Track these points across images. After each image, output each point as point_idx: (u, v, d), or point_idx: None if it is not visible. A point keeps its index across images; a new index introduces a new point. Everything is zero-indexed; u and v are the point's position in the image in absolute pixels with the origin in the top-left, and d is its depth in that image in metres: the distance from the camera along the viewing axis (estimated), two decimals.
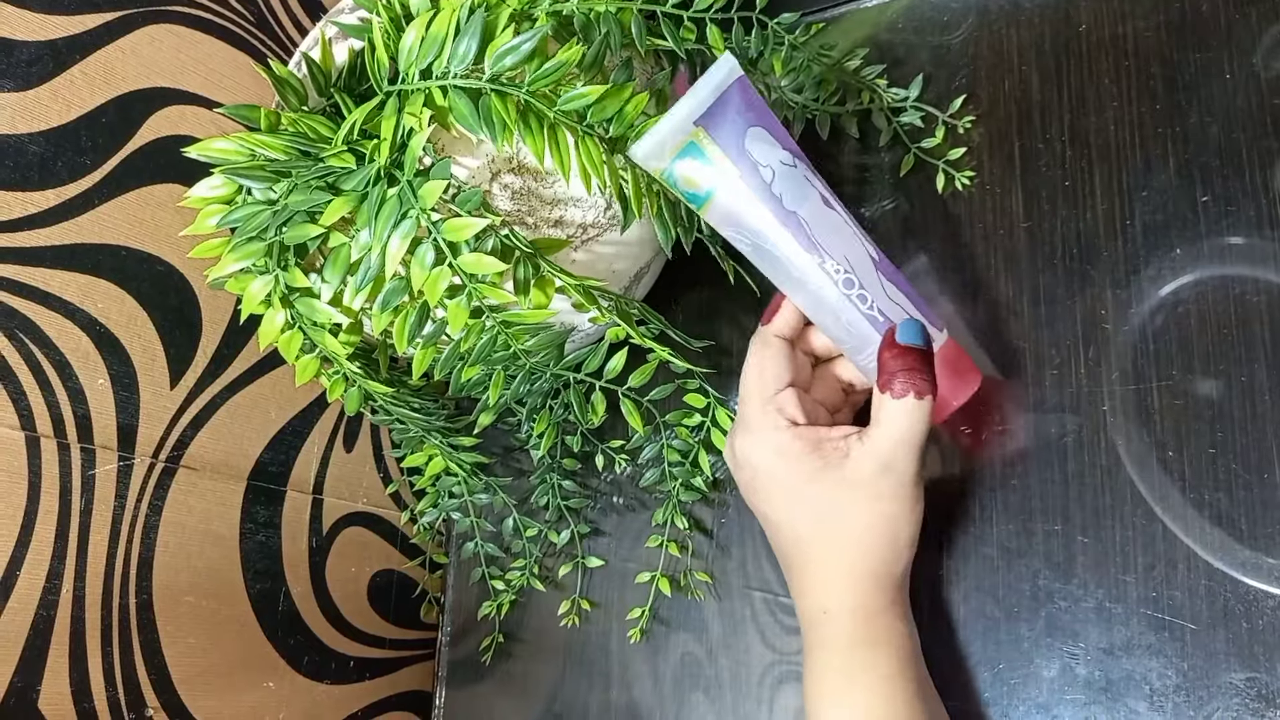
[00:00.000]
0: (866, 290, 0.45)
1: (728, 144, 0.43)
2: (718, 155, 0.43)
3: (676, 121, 0.43)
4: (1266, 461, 0.46)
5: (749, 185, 0.44)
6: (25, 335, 0.49)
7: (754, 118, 0.44)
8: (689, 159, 0.43)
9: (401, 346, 0.47)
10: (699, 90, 0.43)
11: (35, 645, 0.48)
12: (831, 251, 0.45)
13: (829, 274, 0.45)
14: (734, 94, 0.44)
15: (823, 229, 0.45)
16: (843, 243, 0.45)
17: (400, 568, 0.70)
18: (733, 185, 0.44)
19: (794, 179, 0.44)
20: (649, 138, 0.43)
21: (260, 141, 0.44)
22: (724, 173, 0.44)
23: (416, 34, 0.42)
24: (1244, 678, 0.45)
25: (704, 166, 0.44)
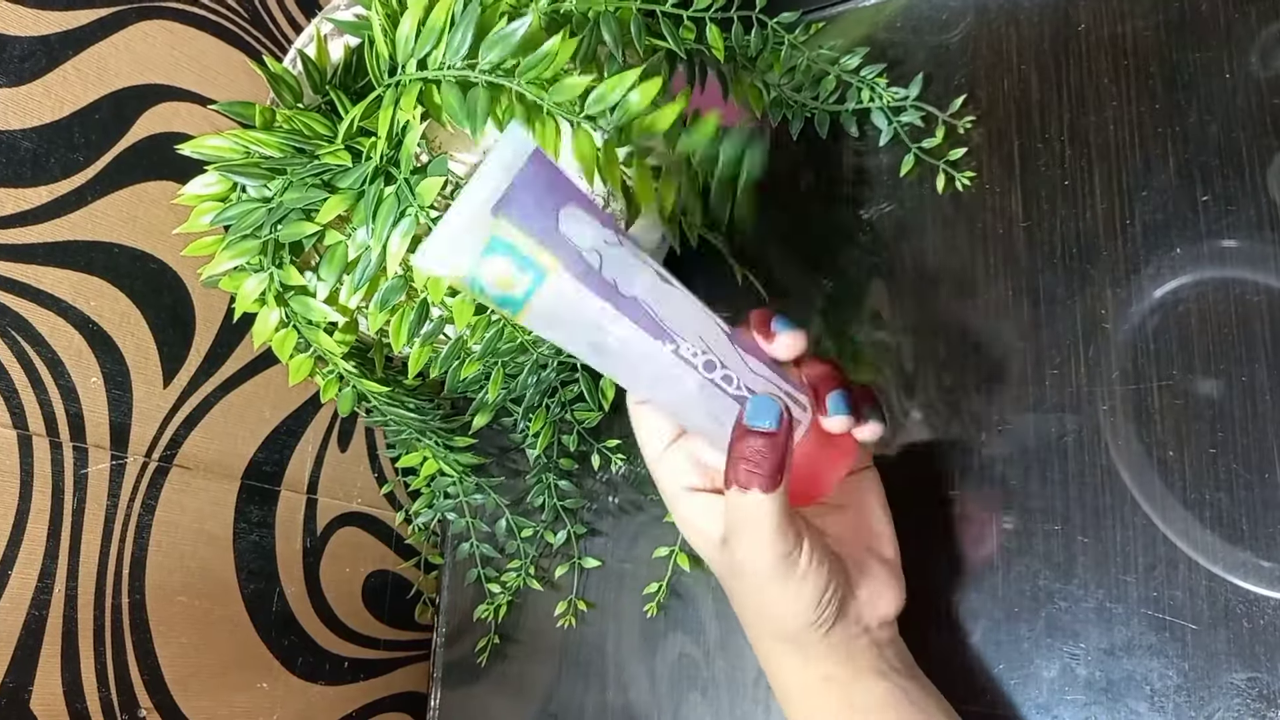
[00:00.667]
0: (730, 369, 0.39)
1: (540, 232, 0.35)
2: (531, 247, 0.35)
3: (469, 212, 0.35)
4: (1267, 461, 0.46)
5: (576, 276, 0.36)
6: (17, 332, 0.49)
7: (562, 196, 0.36)
8: (495, 257, 0.35)
9: (399, 345, 0.46)
10: (488, 173, 0.35)
11: (27, 645, 0.47)
12: (684, 333, 0.38)
13: (686, 359, 0.38)
14: (533, 171, 0.35)
15: (668, 310, 0.38)
16: (692, 320, 0.38)
17: (395, 568, 0.70)
18: (557, 280, 0.36)
19: (623, 259, 0.37)
20: (436, 238, 0.35)
21: (255, 139, 0.44)
22: (543, 267, 0.36)
23: (412, 22, 0.42)
24: (1245, 678, 0.45)
25: (516, 263, 0.36)
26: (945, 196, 0.57)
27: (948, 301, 0.55)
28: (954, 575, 0.52)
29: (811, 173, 0.62)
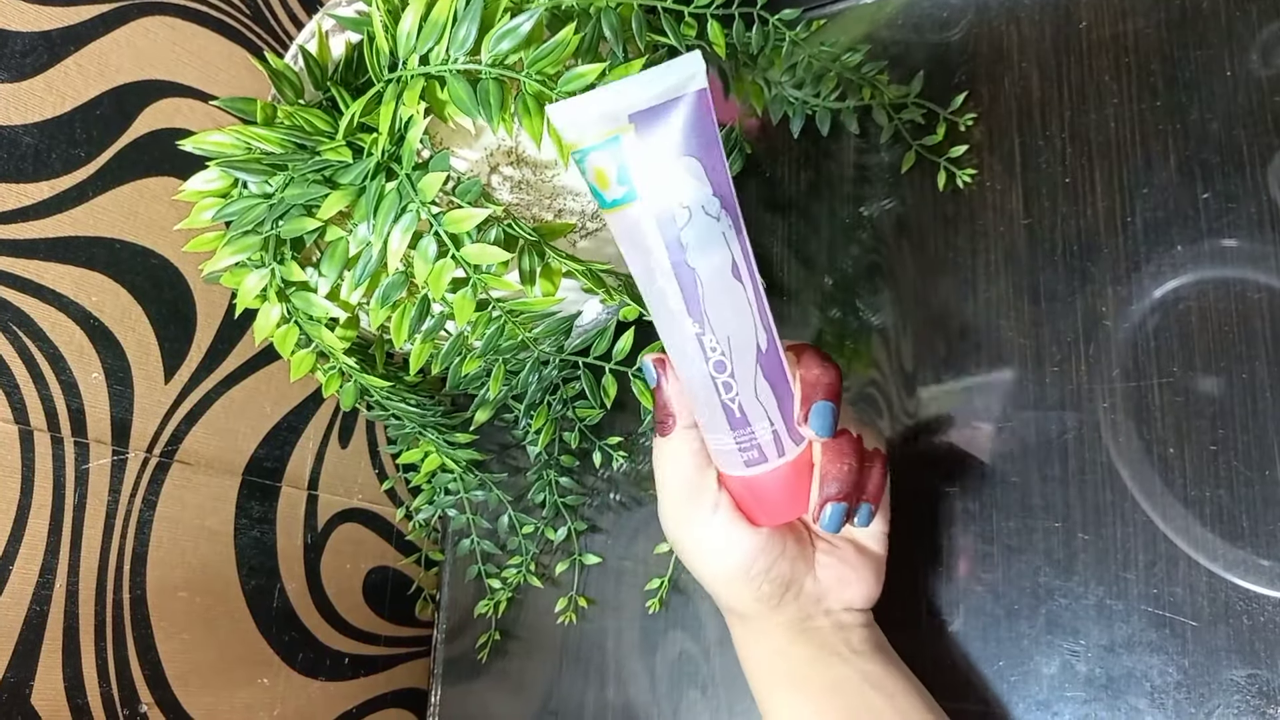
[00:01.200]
0: (735, 380, 0.39)
1: (652, 162, 0.35)
2: (636, 168, 0.35)
3: (608, 105, 0.35)
4: (1268, 459, 0.46)
5: (656, 218, 0.36)
6: (19, 328, 0.49)
7: (696, 144, 0.35)
8: (606, 152, 0.35)
9: (400, 341, 0.46)
10: (650, 81, 0.35)
11: (28, 640, 0.47)
12: (716, 326, 0.38)
13: (703, 347, 0.38)
14: (686, 106, 0.35)
15: (717, 299, 0.38)
16: (733, 321, 0.38)
17: (395, 564, 0.70)
18: (639, 209, 0.36)
19: (710, 232, 0.37)
20: (574, 106, 0.35)
21: (256, 135, 0.44)
22: (636, 192, 0.36)
23: (414, 18, 0.42)
24: (1245, 674, 0.45)
25: (617, 173, 0.36)
26: (946, 194, 0.57)
27: (948, 299, 0.55)
28: (953, 573, 0.52)
29: (813, 170, 0.62)
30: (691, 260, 0.37)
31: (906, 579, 0.52)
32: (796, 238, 0.61)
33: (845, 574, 0.45)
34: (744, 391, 0.39)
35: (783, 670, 0.44)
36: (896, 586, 0.47)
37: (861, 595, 0.45)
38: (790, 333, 0.60)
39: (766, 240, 0.62)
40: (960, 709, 0.49)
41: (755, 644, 0.45)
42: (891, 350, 0.56)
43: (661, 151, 0.35)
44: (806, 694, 0.44)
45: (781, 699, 0.45)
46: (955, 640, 0.51)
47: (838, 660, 0.44)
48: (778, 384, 0.40)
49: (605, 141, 0.35)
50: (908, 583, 0.52)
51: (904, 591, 0.52)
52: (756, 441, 0.40)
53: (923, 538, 0.53)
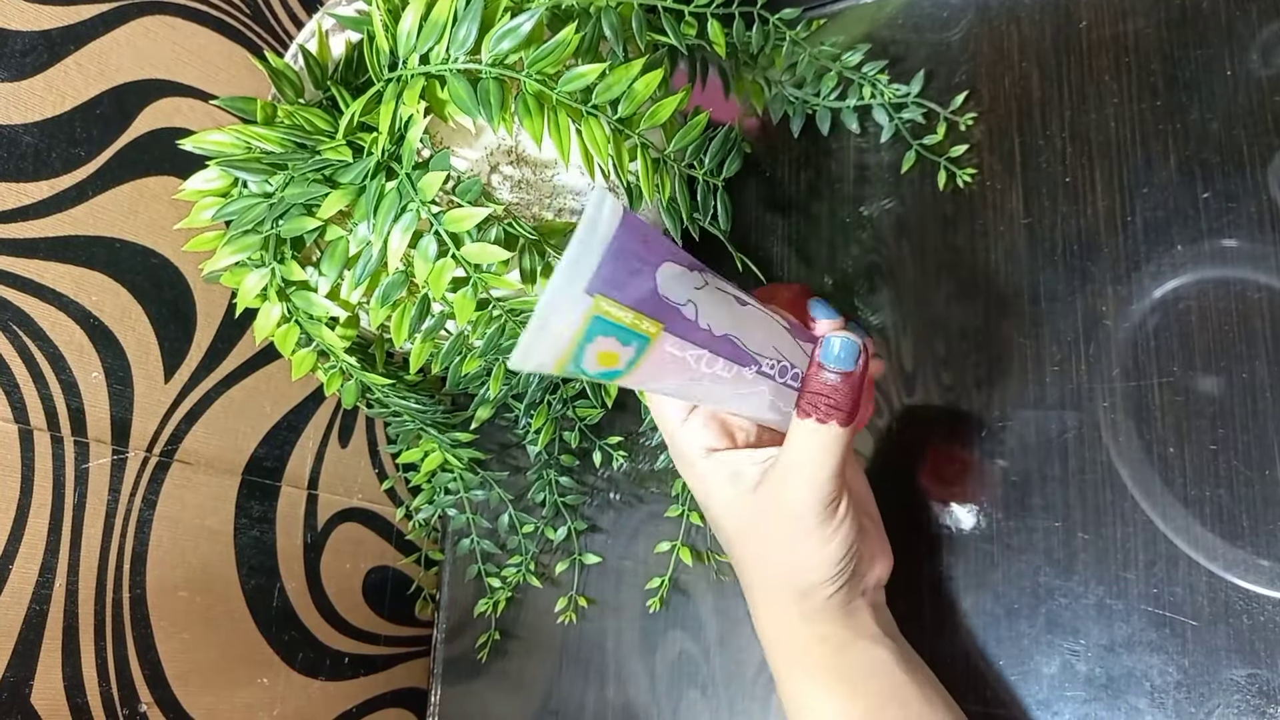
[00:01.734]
0: (797, 365, 0.40)
1: (641, 299, 0.33)
2: (632, 320, 0.33)
3: (564, 301, 0.32)
4: (1268, 458, 0.46)
5: (678, 334, 0.35)
6: (19, 327, 0.49)
7: (656, 255, 0.34)
8: (598, 340, 0.33)
9: (400, 340, 0.46)
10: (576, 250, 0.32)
11: (28, 639, 0.47)
12: (764, 351, 0.39)
13: (766, 374, 0.39)
14: (625, 237, 0.33)
15: (749, 333, 0.38)
16: (767, 334, 0.39)
17: (395, 564, 0.70)
18: (660, 344, 0.35)
19: (711, 299, 0.36)
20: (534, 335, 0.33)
21: (256, 134, 0.44)
22: (646, 335, 0.34)
23: (414, 17, 0.42)
24: (1245, 674, 0.45)
25: (619, 339, 0.34)
26: (946, 193, 0.57)
27: (948, 298, 0.55)
28: (954, 571, 0.52)
29: (813, 169, 0.62)
30: (718, 330, 0.37)
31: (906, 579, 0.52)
32: (796, 237, 0.61)
33: (873, 549, 0.46)
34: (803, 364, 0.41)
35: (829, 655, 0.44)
36: (897, 586, 0.47)
37: (885, 570, 0.47)
38: None
39: (767, 240, 0.62)
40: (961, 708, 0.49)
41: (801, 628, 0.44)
42: (891, 350, 0.56)
43: (641, 283, 0.33)
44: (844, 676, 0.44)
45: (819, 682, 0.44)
46: (955, 640, 0.51)
47: (874, 643, 0.44)
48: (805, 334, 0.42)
49: (587, 334, 0.33)
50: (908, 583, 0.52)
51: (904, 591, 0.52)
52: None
53: (923, 537, 0.53)
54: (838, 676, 0.44)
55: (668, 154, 0.49)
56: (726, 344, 0.37)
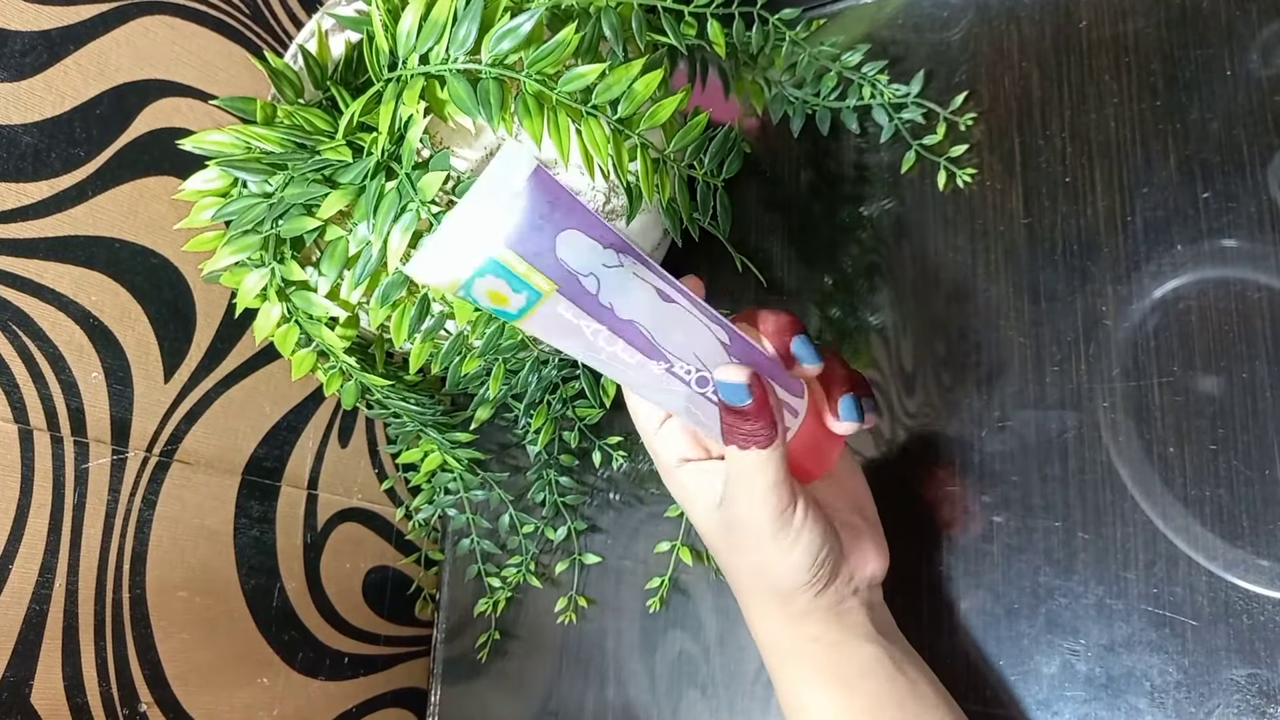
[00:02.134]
0: None
1: (537, 253, 0.34)
2: (526, 270, 0.34)
3: (464, 229, 0.34)
4: (1268, 458, 0.46)
5: (572, 299, 0.35)
6: (18, 327, 0.49)
7: (563, 216, 0.34)
8: (489, 278, 0.34)
9: (399, 340, 0.46)
10: (485, 187, 0.33)
11: (28, 639, 0.47)
12: (679, 353, 0.38)
13: (679, 376, 0.38)
14: (533, 191, 0.34)
15: (665, 329, 0.37)
16: (689, 338, 0.38)
17: (395, 564, 0.70)
18: (551, 303, 0.35)
19: (623, 280, 0.36)
20: (428, 250, 0.34)
21: (256, 134, 0.44)
22: (538, 289, 0.35)
23: (414, 17, 0.42)
24: (1245, 674, 0.45)
25: (510, 284, 0.34)
26: (946, 193, 0.57)
27: (948, 298, 0.55)
28: (954, 571, 0.52)
29: (813, 169, 0.62)
30: (622, 313, 0.36)
31: (906, 579, 0.52)
32: (796, 237, 0.61)
33: (863, 549, 0.45)
34: None
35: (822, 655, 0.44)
36: (897, 585, 0.47)
37: (880, 565, 0.46)
38: None
39: (767, 240, 0.62)
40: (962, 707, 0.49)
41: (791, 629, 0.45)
42: (891, 350, 0.56)
43: (540, 242, 0.34)
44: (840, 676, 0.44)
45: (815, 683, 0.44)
46: (955, 640, 0.51)
47: (867, 642, 0.44)
48: (758, 358, 0.40)
49: (479, 269, 0.34)
50: (908, 582, 0.52)
51: (904, 591, 0.52)
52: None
53: (923, 537, 0.53)
54: (834, 676, 0.44)
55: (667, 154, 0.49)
56: (631, 330, 0.37)
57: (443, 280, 0.34)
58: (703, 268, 0.63)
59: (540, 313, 0.35)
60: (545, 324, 0.36)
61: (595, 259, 0.35)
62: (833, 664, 0.44)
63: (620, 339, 0.37)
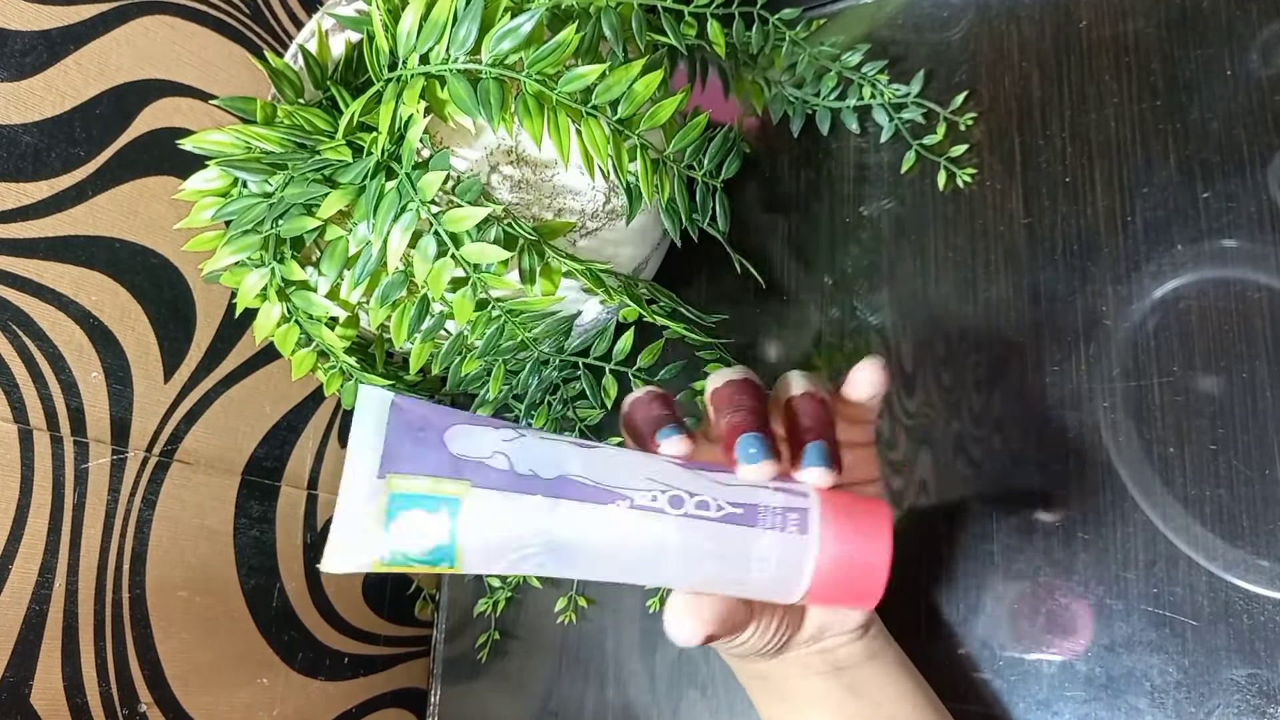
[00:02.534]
0: (700, 493, 0.34)
1: (434, 466, 0.33)
2: (430, 485, 0.32)
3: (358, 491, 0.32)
4: (1268, 458, 0.46)
5: (491, 485, 0.33)
6: (18, 327, 0.49)
7: (440, 423, 0.34)
8: (401, 514, 0.32)
9: (400, 340, 0.46)
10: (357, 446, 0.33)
11: (28, 639, 0.47)
12: (631, 483, 0.34)
13: (648, 507, 0.34)
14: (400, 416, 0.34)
15: (603, 471, 0.34)
16: (635, 468, 0.35)
17: None
18: (473, 500, 0.33)
19: (532, 447, 0.34)
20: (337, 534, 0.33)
21: (256, 134, 0.44)
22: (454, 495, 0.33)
23: (414, 17, 0.42)
24: (1245, 674, 0.45)
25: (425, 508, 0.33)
26: (946, 193, 0.57)
27: (948, 298, 0.55)
28: (954, 572, 0.52)
29: (813, 169, 0.62)
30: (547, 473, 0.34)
31: (906, 580, 0.52)
32: (796, 237, 0.61)
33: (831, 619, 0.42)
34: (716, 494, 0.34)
35: (768, 688, 0.44)
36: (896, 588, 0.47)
37: (849, 627, 0.42)
38: (791, 333, 0.60)
39: (766, 240, 0.62)
40: (960, 709, 0.49)
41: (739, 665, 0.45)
42: (891, 350, 0.56)
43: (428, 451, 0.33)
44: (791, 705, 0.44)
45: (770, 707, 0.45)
46: (955, 640, 0.51)
47: (818, 678, 0.43)
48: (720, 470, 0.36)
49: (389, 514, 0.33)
50: (907, 584, 0.52)
51: (904, 592, 0.52)
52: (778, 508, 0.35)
53: (923, 538, 0.53)
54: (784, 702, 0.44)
55: (667, 154, 0.49)
56: (567, 485, 0.33)
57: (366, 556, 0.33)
58: (702, 268, 0.63)
59: (470, 519, 0.33)
60: (481, 529, 0.33)
61: (492, 440, 0.34)
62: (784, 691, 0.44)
63: (563, 499, 0.33)
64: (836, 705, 0.43)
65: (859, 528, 0.35)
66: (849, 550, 0.35)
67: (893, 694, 0.44)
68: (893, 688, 0.44)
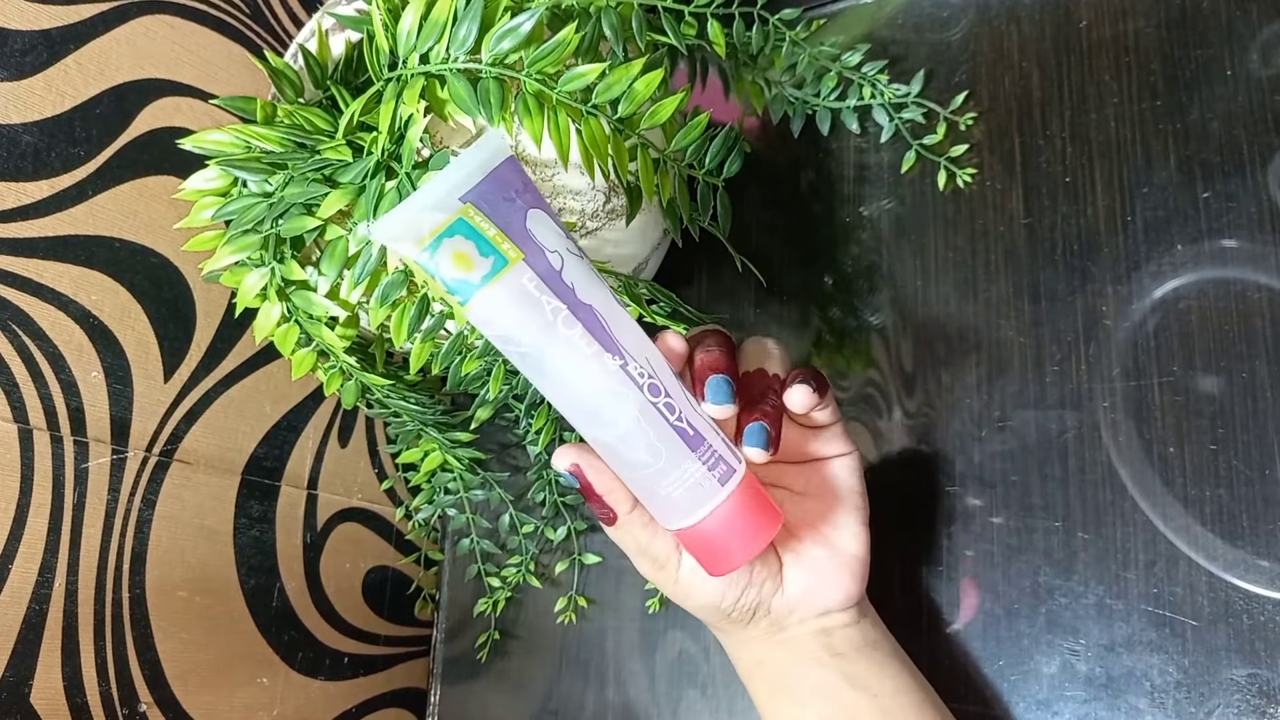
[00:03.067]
0: (673, 398, 0.37)
1: (508, 223, 0.35)
2: (495, 234, 0.35)
3: (437, 194, 0.35)
4: (1268, 458, 0.46)
5: (538, 271, 0.35)
6: (18, 327, 0.49)
7: (532, 199, 0.36)
8: (458, 238, 0.35)
9: (399, 340, 0.46)
10: (462, 164, 0.35)
11: (27, 639, 0.47)
12: (633, 352, 0.37)
13: (632, 377, 0.36)
14: (506, 171, 0.36)
15: (620, 325, 0.37)
16: (641, 342, 0.37)
17: (395, 564, 0.70)
18: (518, 271, 0.35)
19: (584, 269, 0.37)
20: (401, 210, 0.35)
21: (256, 134, 0.44)
22: (506, 255, 0.35)
23: (415, 17, 0.42)
24: (1245, 674, 0.45)
25: (478, 247, 0.35)
26: (946, 193, 0.57)
27: (948, 298, 0.55)
28: (954, 572, 0.52)
29: (813, 170, 0.62)
30: (583, 295, 0.36)
31: (906, 579, 0.52)
32: (797, 237, 0.61)
33: (816, 583, 0.43)
34: (684, 409, 0.37)
35: (767, 676, 0.45)
36: (897, 587, 0.47)
37: (838, 599, 0.44)
38: (791, 332, 0.60)
39: (767, 240, 0.62)
40: (960, 709, 0.49)
41: (738, 651, 0.46)
42: (891, 350, 0.56)
43: (511, 212, 0.35)
44: (792, 697, 0.44)
45: (770, 701, 0.45)
46: (955, 640, 0.51)
47: (815, 664, 0.43)
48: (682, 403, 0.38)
49: (448, 229, 0.35)
50: (908, 583, 0.52)
51: (904, 591, 0.52)
52: (717, 453, 0.38)
53: (922, 538, 0.53)
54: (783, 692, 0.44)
55: (668, 154, 0.49)
56: (590, 315, 0.36)
57: (410, 237, 0.35)
58: (703, 267, 0.63)
59: (504, 281, 0.35)
60: (506, 297, 0.35)
61: (559, 240, 0.36)
62: (776, 685, 0.44)
63: (579, 323, 0.36)
64: (835, 696, 0.43)
65: (754, 519, 0.38)
66: (735, 525, 0.38)
67: (891, 687, 0.44)
68: (891, 681, 0.44)
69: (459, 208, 0.35)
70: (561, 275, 0.36)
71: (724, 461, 0.38)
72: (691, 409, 0.38)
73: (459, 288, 0.35)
